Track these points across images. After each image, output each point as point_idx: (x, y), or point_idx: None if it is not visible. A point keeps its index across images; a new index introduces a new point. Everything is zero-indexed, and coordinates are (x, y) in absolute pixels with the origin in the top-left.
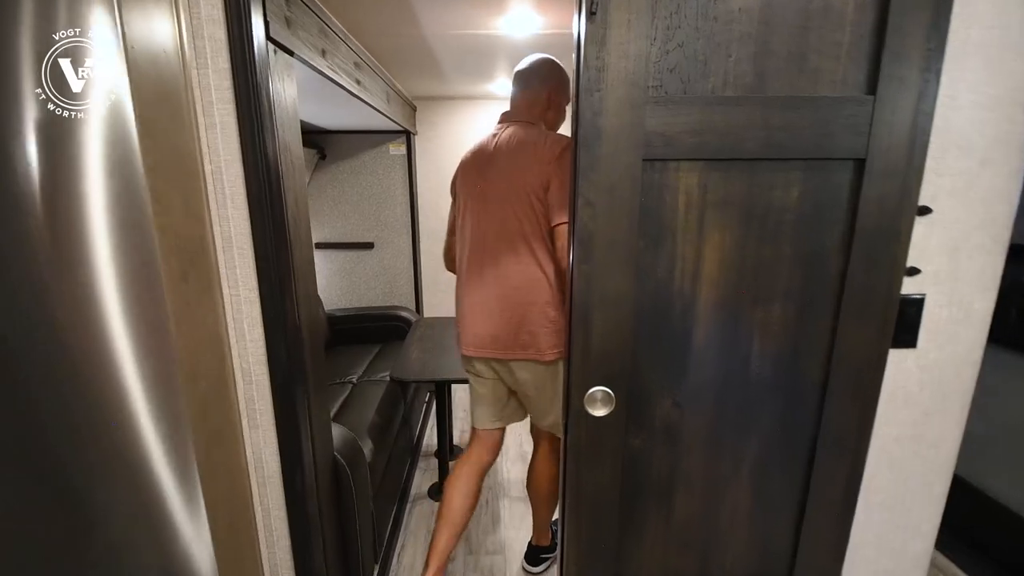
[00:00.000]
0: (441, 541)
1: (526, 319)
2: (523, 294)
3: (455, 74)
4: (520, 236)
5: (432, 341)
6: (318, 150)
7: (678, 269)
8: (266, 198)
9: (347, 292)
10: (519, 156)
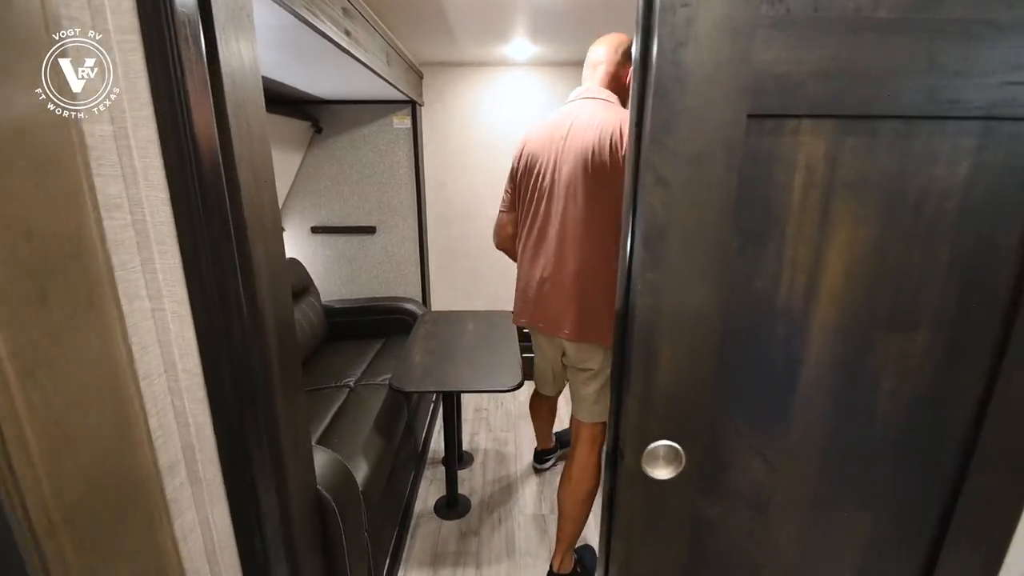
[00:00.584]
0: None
1: (589, 301)
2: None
3: (466, 34)
4: (591, 216)
5: (439, 340)
6: (313, 122)
7: (786, 279)
8: (192, 172)
9: (347, 281)
10: (597, 126)
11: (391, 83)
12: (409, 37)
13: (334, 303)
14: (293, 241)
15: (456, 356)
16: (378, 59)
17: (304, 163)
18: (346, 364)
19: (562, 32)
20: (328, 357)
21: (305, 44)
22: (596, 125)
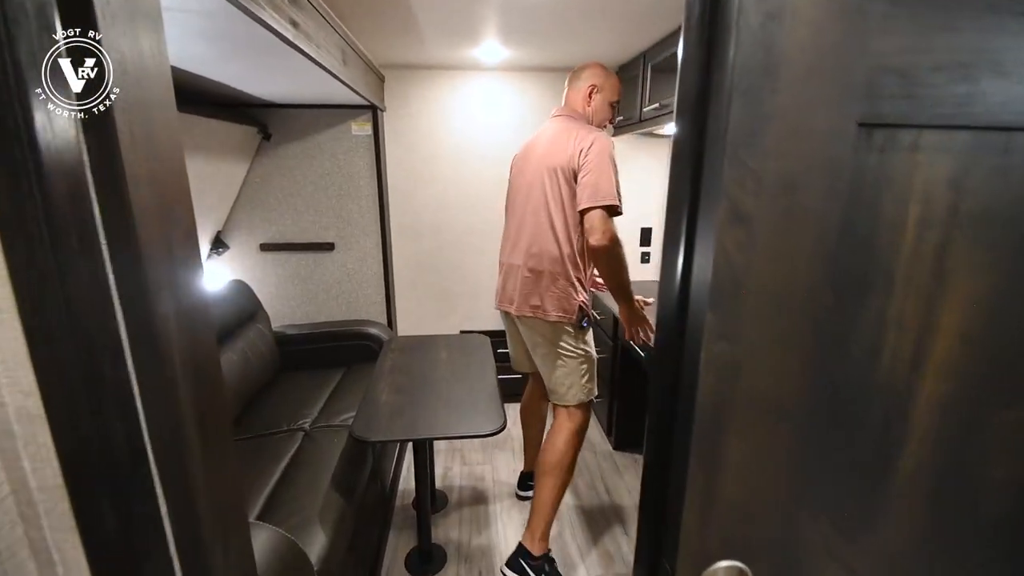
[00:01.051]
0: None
1: (532, 284)
2: (532, 263)
3: (432, 34)
4: (545, 212)
5: (408, 374)
6: (260, 128)
7: (889, 345)
8: (36, 207)
9: (302, 304)
10: (555, 140)
11: (348, 85)
12: (369, 36)
13: (287, 329)
14: (239, 260)
15: (428, 393)
16: (332, 57)
17: (251, 173)
18: (301, 401)
19: (534, 35)
20: (280, 393)
21: (243, 35)
22: (554, 140)
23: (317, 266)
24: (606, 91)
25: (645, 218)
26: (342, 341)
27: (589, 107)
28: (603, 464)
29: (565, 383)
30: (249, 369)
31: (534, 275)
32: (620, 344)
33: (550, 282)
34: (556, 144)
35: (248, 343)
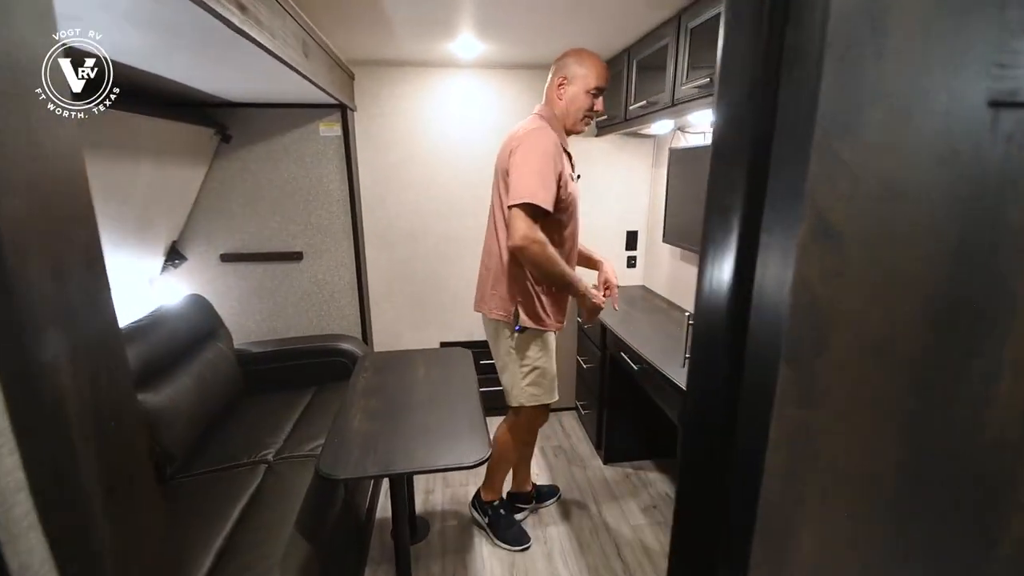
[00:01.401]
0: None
1: (484, 282)
2: (486, 260)
3: (404, 27)
4: (494, 213)
5: (383, 396)
6: (218, 129)
7: (1002, 399)
8: None
9: (268, 319)
10: (506, 140)
11: (312, 81)
12: (335, 29)
13: (251, 347)
14: (197, 273)
15: (405, 419)
16: (291, 48)
17: (209, 178)
18: (264, 428)
19: (512, 28)
20: (241, 419)
21: (183, 22)
22: (505, 139)
23: (284, 277)
24: (580, 80)
25: (631, 221)
26: (312, 358)
27: (561, 101)
28: (593, 481)
29: (507, 383)
30: (207, 394)
31: (485, 273)
32: (609, 353)
33: (494, 280)
34: (504, 143)
35: (206, 364)
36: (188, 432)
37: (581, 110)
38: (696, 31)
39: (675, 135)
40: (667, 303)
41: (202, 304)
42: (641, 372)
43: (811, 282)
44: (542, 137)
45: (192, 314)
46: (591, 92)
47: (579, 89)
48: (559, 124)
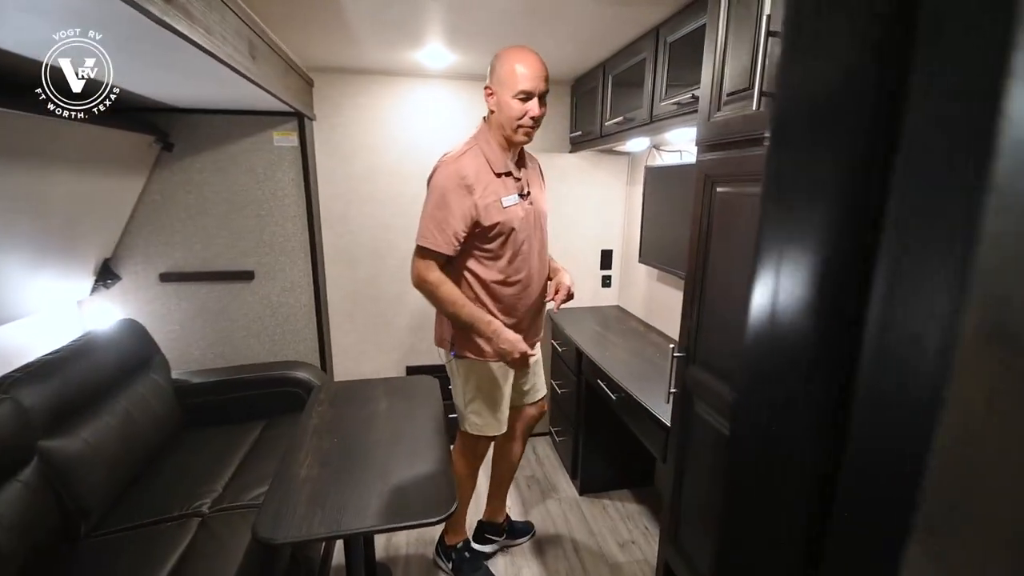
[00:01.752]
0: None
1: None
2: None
3: (368, 33)
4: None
5: (338, 435)
6: (158, 136)
7: None
8: None
9: (214, 344)
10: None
11: (261, 86)
12: (291, 31)
13: (192, 377)
14: (133, 294)
15: (363, 463)
16: (232, 48)
17: (148, 190)
18: (202, 472)
19: (482, 37)
20: (176, 463)
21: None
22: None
23: (233, 299)
24: (504, 86)
25: (605, 239)
26: (261, 389)
27: (494, 112)
28: (569, 515)
29: (456, 404)
30: (135, 435)
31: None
32: (585, 379)
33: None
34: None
35: (135, 400)
36: (109, 482)
37: (513, 119)
38: (676, 45)
39: (651, 153)
40: (643, 325)
41: (135, 330)
42: (619, 402)
43: (973, 407)
44: (443, 174)
45: (122, 342)
46: (518, 97)
47: (506, 96)
48: (498, 138)
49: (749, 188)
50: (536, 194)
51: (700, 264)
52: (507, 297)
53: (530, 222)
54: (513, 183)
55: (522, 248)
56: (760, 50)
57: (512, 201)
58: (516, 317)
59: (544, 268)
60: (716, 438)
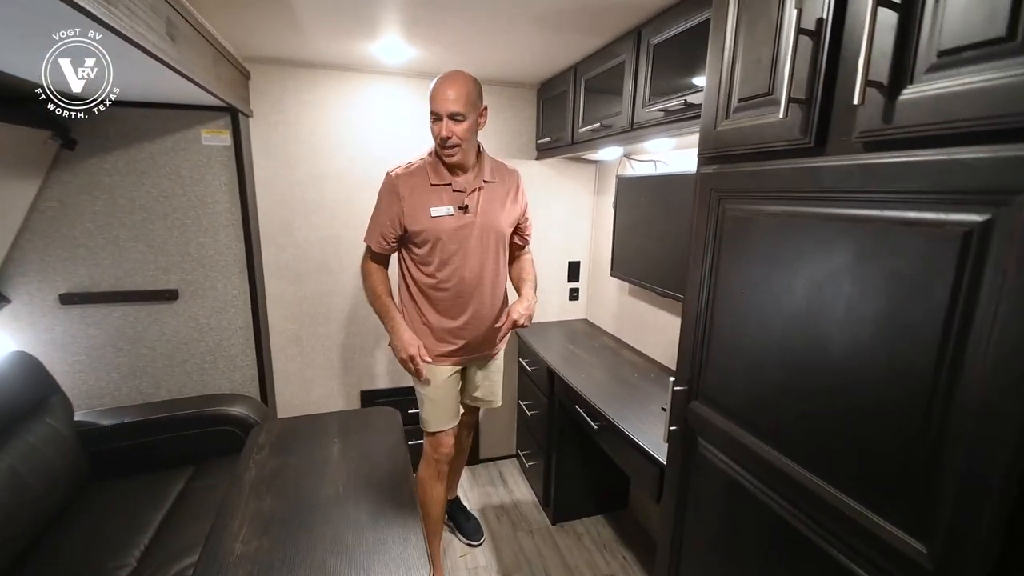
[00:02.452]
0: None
1: None
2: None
3: (314, 20)
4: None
5: (283, 493)
6: (56, 131)
7: None
8: None
9: (129, 376)
10: None
11: (181, 73)
12: (225, 16)
13: (100, 418)
14: (26, 319)
15: (312, 527)
16: (144, 26)
17: (44, 195)
18: (114, 538)
19: (444, 31)
20: (78, 528)
21: None
22: None
23: (152, 322)
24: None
25: (573, 251)
26: (188, 429)
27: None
28: (542, 547)
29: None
30: (21, 500)
31: None
32: (558, 401)
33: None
34: None
35: (23, 455)
36: None
37: (433, 139)
38: (660, 48)
39: (622, 162)
40: (615, 340)
41: (25, 365)
42: (601, 431)
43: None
44: (385, 181)
45: (8, 383)
46: (432, 118)
47: (430, 117)
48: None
49: (772, 206)
50: (488, 209)
51: (706, 289)
52: (440, 301)
53: (466, 234)
54: (450, 195)
55: (452, 258)
56: (787, 51)
57: (443, 212)
58: (456, 323)
59: (485, 283)
60: (727, 483)
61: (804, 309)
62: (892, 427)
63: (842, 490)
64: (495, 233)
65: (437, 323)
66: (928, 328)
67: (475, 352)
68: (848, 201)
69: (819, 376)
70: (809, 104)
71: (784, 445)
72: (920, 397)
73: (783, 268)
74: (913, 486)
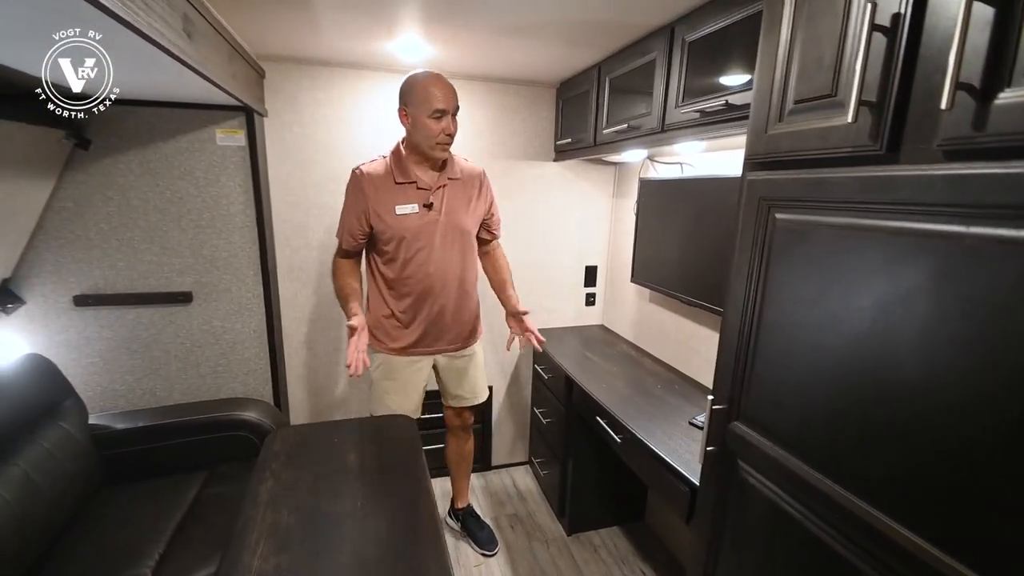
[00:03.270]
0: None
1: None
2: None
3: (333, 17)
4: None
5: (298, 507)
6: (70, 131)
7: None
8: None
9: (143, 379)
10: None
11: (199, 71)
12: (240, 13)
13: (114, 421)
14: (40, 321)
15: (330, 543)
16: (161, 21)
17: (58, 196)
18: (127, 548)
19: (466, 29)
20: (90, 537)
21: None
22: None
23: (167, 325)
24: (418, 106)
25: (590, 255)
26: (202, 434)
27: (410, 129)
28: (558, 558)
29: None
30: (35, 507)
31: None
32: (576, 411)
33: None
34: None
35: (37, 461)
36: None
37: (431, 136)
38: (696, 45)
39: (644, 164)
40: (634, 348)
41: (40, 368)
42: (624, 445)
43: None
44: (352, 178)
45: (23, 385)
46: (434, 116)
47: (422, 116)
48: (412, 155)
49: (832, 217)
50: (453, 207)
51: (751, 303)
52: (405, 296)
53: (431, 231)
54: (415, 192)
55: (418, 254)
56: (857, 48)
57: (408, 210)
58: (422, 316)
59: (451, 278)
60: (770, 510)
61: (869, 331)
62: (982, 468)
63: (917, 532)
64: (460, 230)
65: (402, 316)
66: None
67: (442, 345)
68: (927, 215)
69: (887, 405)
70: (881, 108)
71: (842, 476)
72: (1018, 435)
73: (844, 284)
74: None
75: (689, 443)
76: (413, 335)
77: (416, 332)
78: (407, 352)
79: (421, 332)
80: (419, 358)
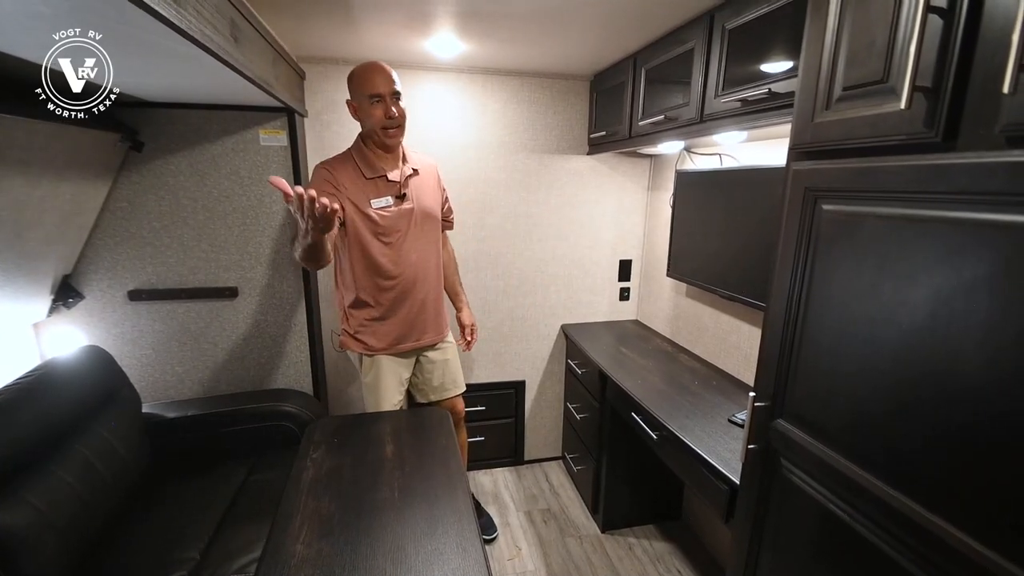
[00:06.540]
0: None
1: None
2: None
3: (369, 17)
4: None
5: (339, 493)
6: (125, 134)
7: None
8: None
9: (193, 370)
10: None
11: (244, 74)
12: (281, 16)
13: (165, 410)
14: (98, 315)
15: (370, 531)
16: (211, 27)
17: (114, 195)
18: (177, 533)
19: (502, 24)
20: (145, 522)
21: None
22: None
23: (214, 319)
24: (358, 94)
25: (624, 249)
26: (247, 424)
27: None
28: (592, 557)
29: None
30: (94, 491)
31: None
32: (609, 405)
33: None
34: None
35: (97, 447)
36: (63, 554)
37: (376, 122)
38: (736, 33)
39: (681, 155)
40: (670, 344)
41: (98, 359)
42: (661, 441)
43: None
44: (318, 173)
45: (83, 375)
46: (372, 101)
47: (363, 103)
48: (372, 148)
49: (885, 208)
50: (422, 195)
51: (797, 297)
52: (387, 291)
53: (406, 222)
54: (386, 184)
55: (398, 246)
56: (910, 31)
57: (383, 203)
58: (404, 310)
59: (430, 268)
60: (815, 510)
61: (927, 325)
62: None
63: (978, 538)
64: (431, 217)
65: (387, 312)
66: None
67: (429, 337)
68: (988, 204)
69: (948, 405)
70: (937, 93)
71: (897, 479)
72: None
73: (899, 277)
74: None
75: (728, 441)
76: (398, 330)
77: (401, 327)
78: (394, 349)
79: (407, 327)
80: (405, 357)
